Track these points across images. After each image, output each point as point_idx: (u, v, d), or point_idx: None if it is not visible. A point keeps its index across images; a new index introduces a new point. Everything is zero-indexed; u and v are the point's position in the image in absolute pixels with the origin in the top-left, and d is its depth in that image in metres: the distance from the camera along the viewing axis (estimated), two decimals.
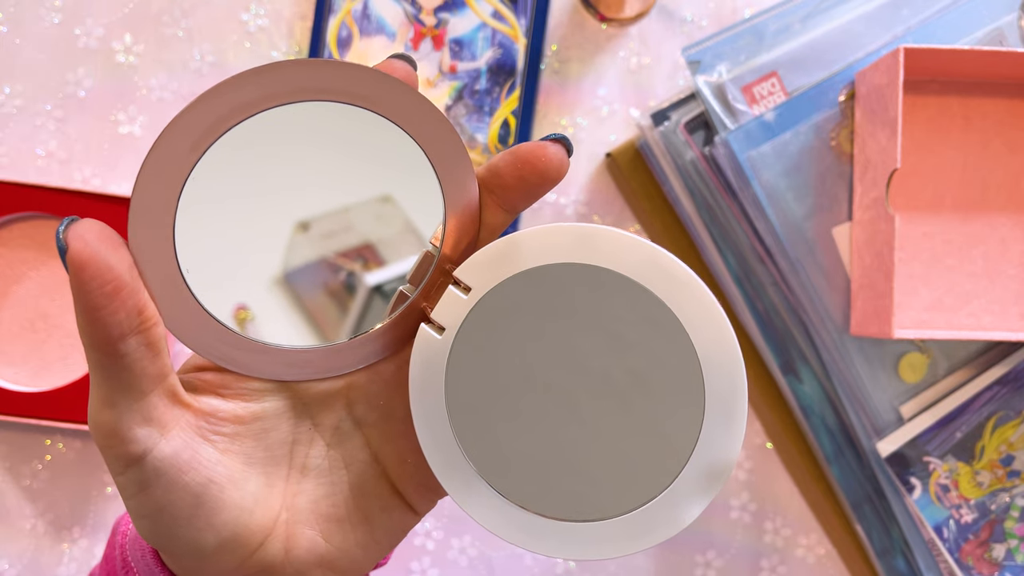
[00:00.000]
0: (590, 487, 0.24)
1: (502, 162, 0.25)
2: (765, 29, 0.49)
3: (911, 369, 0.49)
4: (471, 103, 0.55)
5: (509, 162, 0.24)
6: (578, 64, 0.57)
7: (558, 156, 0.24)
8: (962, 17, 0.47)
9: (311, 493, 0.25)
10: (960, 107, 0.48)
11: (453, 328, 0.24)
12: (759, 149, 0.47)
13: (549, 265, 0.24)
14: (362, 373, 0.26)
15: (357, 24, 0.56)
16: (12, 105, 0.57)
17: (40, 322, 0.54)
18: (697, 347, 0.23)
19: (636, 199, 0.54)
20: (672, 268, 0.23)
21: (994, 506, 0.49)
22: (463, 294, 0.24)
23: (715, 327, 0.23)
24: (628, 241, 0.23)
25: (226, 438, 0.23)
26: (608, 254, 0.23)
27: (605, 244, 0.23)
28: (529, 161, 0.24)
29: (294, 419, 0.25)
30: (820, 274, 0.48)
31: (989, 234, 0.48)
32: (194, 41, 0.57)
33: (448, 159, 0.25)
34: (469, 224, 0.25)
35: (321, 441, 0.26)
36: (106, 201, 0.52)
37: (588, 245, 0.24)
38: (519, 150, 0.24)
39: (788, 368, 0.51)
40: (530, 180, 0.24)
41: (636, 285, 0.23)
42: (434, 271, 0.25)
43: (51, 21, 0.57)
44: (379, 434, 0.26)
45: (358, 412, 0.26)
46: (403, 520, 0.26)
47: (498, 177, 0.25)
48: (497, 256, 0.24)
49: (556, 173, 0.24)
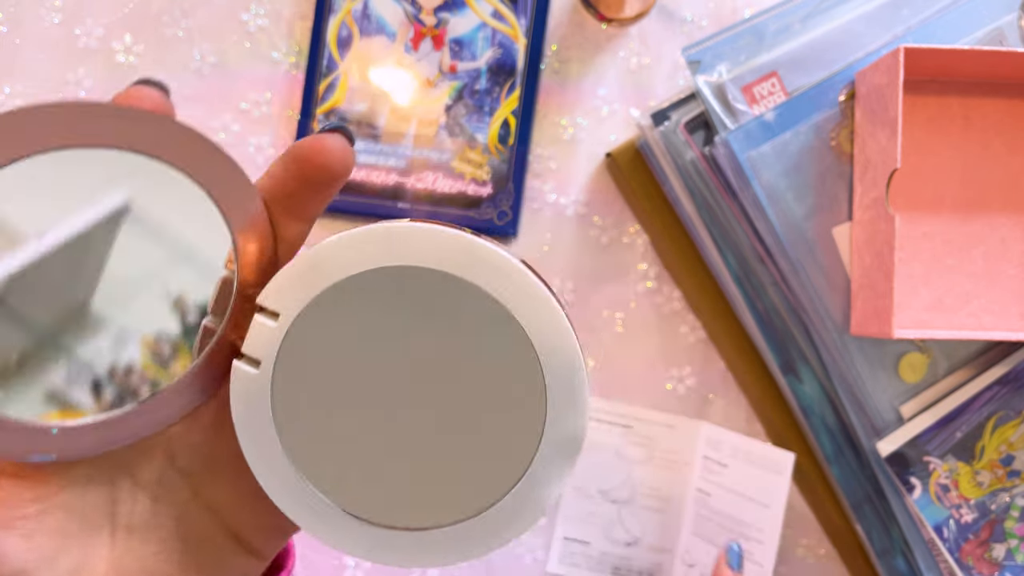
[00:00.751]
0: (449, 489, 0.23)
1: (280, 167, 0.23)
2: (765, 29, 0.49)
3: (911, 369, 0.49)
4: (471, 103, 0.55)
5: (287, 165, 0.22)
6: (578, 64, 0.57)
7: (340, 147, 0.22)
8: (962, 17, 0.47)
9: (138, 551, 0.23)
10: (960, 107, 0.48)
11: (269, 359, 0.22)
12: (759, 149, 0.47)
13: (358, 274, 0.22)
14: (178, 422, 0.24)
15: (357, 24, 0.56)
16: (12, 105, 0.57)
17: None
18: (527, 329, 0.22)
19: (636, 199, 0.54)
20: (486, 254, 0.22)
21: (994, 506, 0.49)
22: (271, 321, 0.22)
23: (539, 305, 0.22)
24: (434, 234, 0.22)
25: (31, 520, 0.21)
26: (417, 252, 0.22)
27: (413, 242, 0.22)
28: (309, 159, 0.22)
29: (110, 481, 0.23)
30: (820, 274, 0.48)
31: (989, 234, 0.48)
32: (194, 41, 0.57)
33: (220, 178, 0.23)
34: (263, 242, 0.23)
35: (145, 496, 0.24)
36: None
37: (395, 246, 0.22)
38: (295, 150, 0.22)
39: (788, 368, 0.51)
40: (315, 179, 0.22)
41: (451, 278, 0.22)
42: (236, 299, 0.23)
43: (51, 21, 0.57)
44: (208, 481, 0.24)
45: (181, 462, 0.24)
46: (246, 566, 0.24)
47: (281, 184, 0.23)
48: (300, 274, 0.22)
49: (342, 166, 0.22)
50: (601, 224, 0.57)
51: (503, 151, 0.55)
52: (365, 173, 0.55)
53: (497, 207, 0.55)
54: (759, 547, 0.52)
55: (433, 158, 0.55)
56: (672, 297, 0.56)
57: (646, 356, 0.56)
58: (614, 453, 0.56)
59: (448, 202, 0.55)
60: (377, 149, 0.55)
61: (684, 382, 0.56)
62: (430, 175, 0.55)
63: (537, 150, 0.57)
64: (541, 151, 0.57)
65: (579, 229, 0.57)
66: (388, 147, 0.55)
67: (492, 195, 0.55)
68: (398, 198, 0.55)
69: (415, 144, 0.55)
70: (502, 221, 0.55)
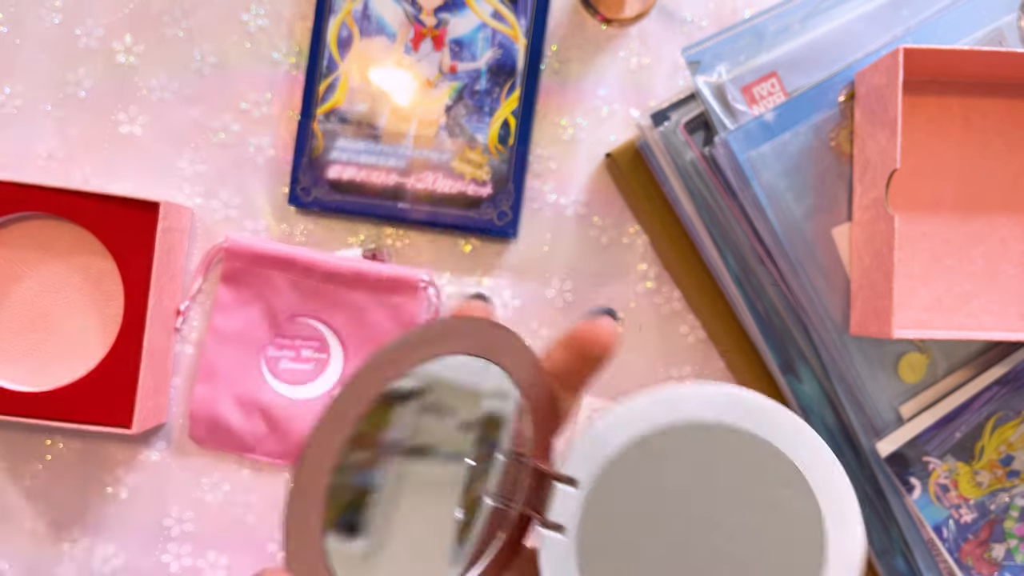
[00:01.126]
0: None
1: (562, 352, 0.26)
2: (765, 29, 0.49)
3: (910, 369, 0.49)
4: (471, 103, 0.55)
5: (570, 349, 0.26)
6: (578, 64, 0.57)
7: (613, 331, 0.26)
8: (962, 17, 0.47)
9: None
10: (960, 107, 0.48)
11: (572, 524, 0.24)
12: (759, 149, 0.47)
13: (642, 437, 0.24)
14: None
15: (357, 24, 0.56)
16: (12, 105, 0.57)
17: (40, 322, 0.54)
18: (811, 484, 0.23)
19: (636, 199, 0.54)
20: (762, 408, 0.23)
21: (993, 506, 0.49)
22: (571, 488, 0.24)
23: (821, 461, 0.23)
24: (705, 391, 0.24)
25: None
26: (697, 408, 0.24)
27: (691, 400, 0.24)
28: (592, 344, 0.26)
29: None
30: (820, 274, 0.48)
31: (989, 234, 0.48)
32: (194, 41, 0.57)
33: (520, 366, 0.26)
34: (551, 418, 0.26)
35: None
36: (106, 201, 0.52)
37: (675, 405, 0.24)
38: (578, 337, 0.26)
39: (788, 368, 0.51)
40: (594, 359, 0.26)
41: (731, 431, 0.24)
42: (528, 474, 0.26)
43: (51, 21, 0.57)
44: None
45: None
46: None
47: (563, 365, 0.26)
48: (592, 441, 0.24)
49: (614, 347, 0.26)
50: (601, 224, 0.57)
51: (503, 151, 0.55)
52: (365, 173, 0.55)
53: (497, 207, 0.55)
54: None
55: (433, 158, 0.55)
56: (672, 297, 0.57)
57: (646, 356, 0.56)
58: None
59: (448, 202, 0.55)
60: (377, 149, 0.55)
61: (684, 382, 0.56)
62: (430, 175, 0.55)
63: (537, 150, 0.57)
64: (541, 151, 0.57)
65: (579, 229, 0.57)
66: (388, 147, 0.55)
67: (492, 195, 0.55)
68: (398, 198, 0.55)
69: (415, 144, 0.55)
70: (502, 221, 0.55)
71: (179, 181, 0.57)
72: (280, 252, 0.55)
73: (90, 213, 0.52)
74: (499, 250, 0.57)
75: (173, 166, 0.57)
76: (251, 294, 0.56)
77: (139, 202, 0.52)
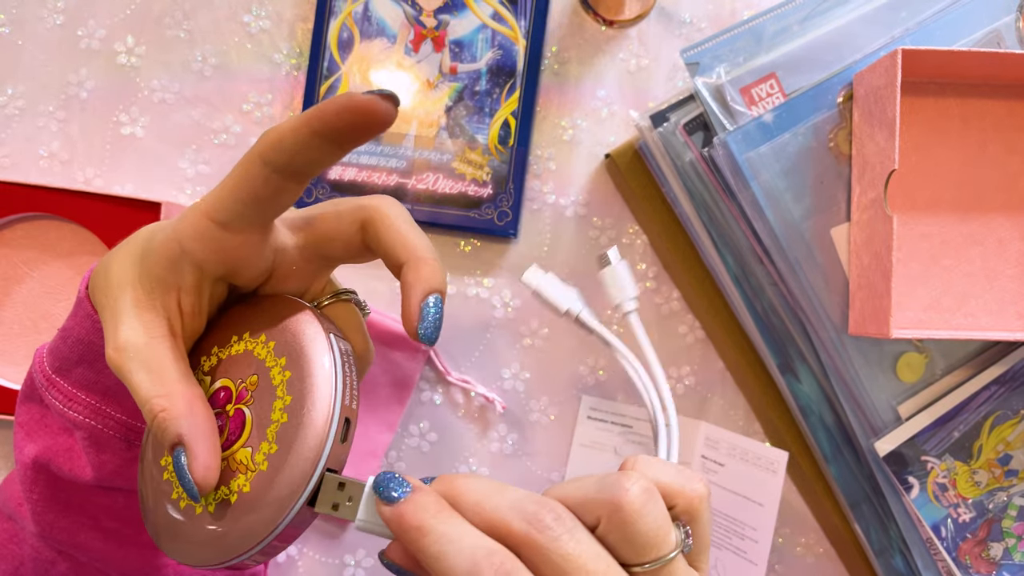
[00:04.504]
0: None
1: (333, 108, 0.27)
2: (764, 31, 0.49)
3: (909, 369, 0.49)
4: (471, 104, 0.56)
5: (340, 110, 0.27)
6: (577, 65, 0.57)
7: (389, 110, 0.26)
8: (960, 19, 0.48)
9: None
10: (958, 108, 0.48)
11: None
12: (758, 150, 0.47)
13: None
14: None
15: (358, 26, 0.56)
16: (14, 106, 0.57)
17: (42, 322, 0.54)
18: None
19: (635, 200, 0.55)
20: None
21: (992, 505, 0.49)
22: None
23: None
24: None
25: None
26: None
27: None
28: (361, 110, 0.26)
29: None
30: (818, 274, 0.48)
31: (987, 234, 0.48)
32: (196, 43, 0.57)
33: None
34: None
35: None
36: (108, 202, 0.52)
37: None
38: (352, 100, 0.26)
39: (787, 368, 0.52)
40: (359, 126, 0.27)
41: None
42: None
43: (53, 22, 0.57)
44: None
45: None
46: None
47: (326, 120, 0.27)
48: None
49: (385, 125, 0.27)
50: (600, 225, 0.57)
51: (503, 152, 0.55)
52: (366, 174, 0.56)
53: (497, 208, 0.55)
54: (754, 546, 0.52)
55: (434, 159, 0.55)
56: (671, 297, 0.57)
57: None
58: (613, 452, 0.56)
59: (449, 203, 0.55)
60: (378, 150, 0.56)
61: (683, 382, 0.57)
62: (431, 176, 0.55)
63: (537, 151, 0.57)
64: (541, 152, 0.57)
65: (578, 229, 0.57)
66: (389, 148, 0.56)
67: (492, 196, 0.55)
68: (399, 199, 0.55)
69: (416, 145, 0.56)
70: (502, 222, 0.55)
71: (181, 182, 0.57)
72: None
73: (92, 214, 0.52)
74: (499, 250, 0.57)
75: (175, 167, 0.57)
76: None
77: (141, 203, 0.53)
